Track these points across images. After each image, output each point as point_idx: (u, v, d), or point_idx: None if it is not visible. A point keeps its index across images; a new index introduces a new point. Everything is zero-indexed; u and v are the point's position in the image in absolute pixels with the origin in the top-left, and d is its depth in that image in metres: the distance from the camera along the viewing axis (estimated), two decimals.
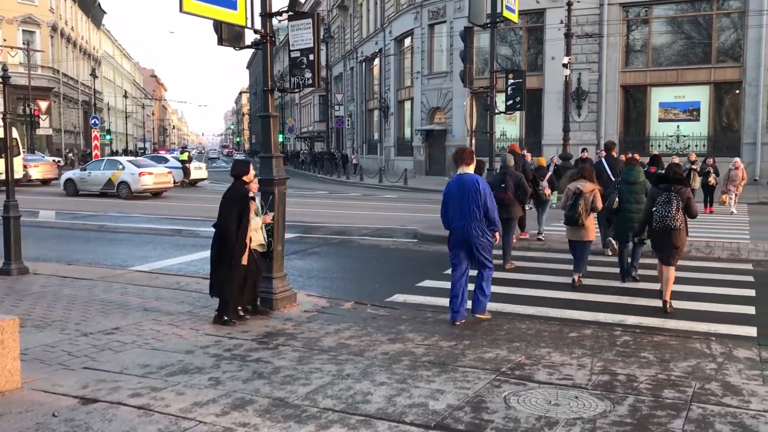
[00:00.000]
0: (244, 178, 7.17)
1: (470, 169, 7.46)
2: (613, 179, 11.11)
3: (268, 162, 7.73)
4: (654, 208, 8.09)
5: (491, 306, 7.73)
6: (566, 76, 28.69)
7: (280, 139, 79.71)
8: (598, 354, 6.08)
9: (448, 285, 7.84)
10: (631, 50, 33.16)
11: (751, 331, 7.13)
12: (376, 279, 10.11)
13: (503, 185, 10.84)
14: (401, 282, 9.77)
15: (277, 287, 7.77)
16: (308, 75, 7.52)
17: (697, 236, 13.18)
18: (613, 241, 10.92)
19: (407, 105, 42.92)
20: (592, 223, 9.66)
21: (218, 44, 7.69)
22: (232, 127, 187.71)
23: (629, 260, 9.75)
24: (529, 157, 15.32)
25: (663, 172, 8.96)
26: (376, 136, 50.08)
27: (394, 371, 5.51)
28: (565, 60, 28.08)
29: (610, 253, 11.26)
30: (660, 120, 32.50)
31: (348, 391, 5.03)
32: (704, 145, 30.84)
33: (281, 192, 7.73)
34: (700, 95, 31.68)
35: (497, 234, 7.58)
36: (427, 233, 13.89)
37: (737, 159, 20.74)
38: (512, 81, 13.38)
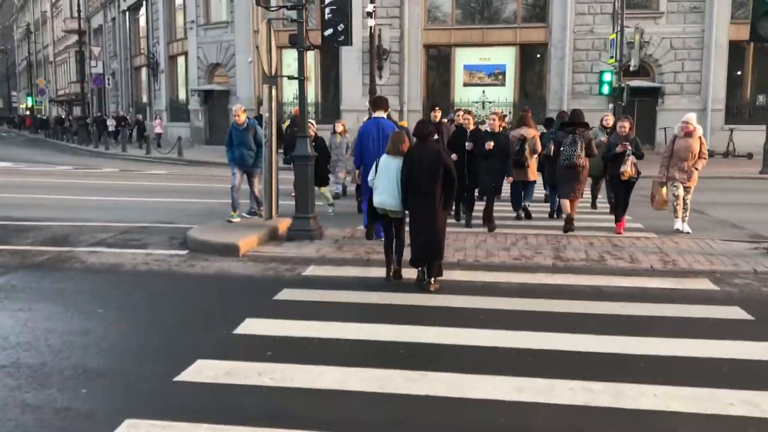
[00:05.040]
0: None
1: (385, 114, 9.06)
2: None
3: None
4: (561, 148, 9.57)
5: None
6: (371, 28, 24.60)
7: (30, 103, 67.87)
8: None
9: (241, 377, 4.50)
10: (433, 6, 29.95)
11: None
12: (88, 368, 4.87)
13: None
14: (145, 372, 4.70)
15: None
16: None
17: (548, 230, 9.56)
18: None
19: (181, 61, 36.28)
20: (534, 165, 10.89)
21: None
22: None
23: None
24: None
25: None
26: (144, 98, 42.58)
27: None
28: (370, 8, 23.86)
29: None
30: (465, 84, 29.87)
31: None
32: (510, 112, 28.52)
33: None
34: (506, 58, 29.43)
35: None
36: (204, 239, 8.74)
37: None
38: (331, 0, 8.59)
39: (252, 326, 5.51)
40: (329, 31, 8.68)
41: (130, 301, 6.50)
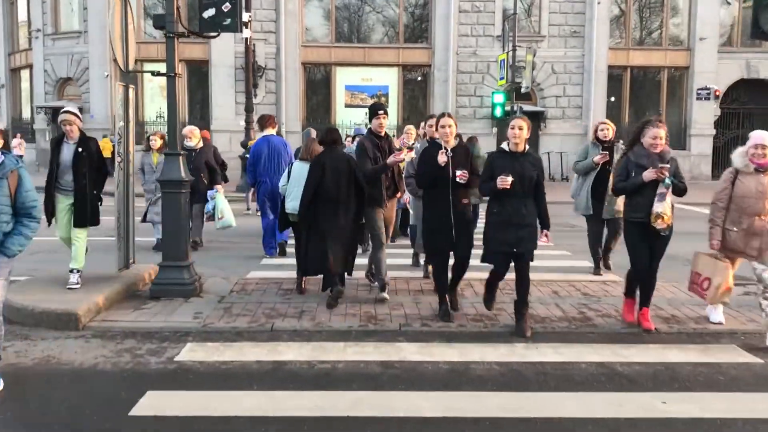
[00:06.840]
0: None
1: (274, 131, 9.21)
2: None
3: None
4: None
5: None
6: (247, 39, 22.18)
7: None
8: None
9: None
10: (311, 22, 28.06)
11: None
12: None
13: None
14: None
15: None
16: None
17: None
18: None
19: (24, 75, 32.03)
20: None
21: None
22: None
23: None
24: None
25: None
26: None
27: None
28: (246, 17, 21.48)
29: None
30: (347, 105, 28.11)
31: None
32: (394, 136, 27.03)
33: None
34: (389, 79, 27.99)
35: None
36: (24, 303, 5.95)
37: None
38: None
39: None
40: (210, 12, 6.33)
41: None
